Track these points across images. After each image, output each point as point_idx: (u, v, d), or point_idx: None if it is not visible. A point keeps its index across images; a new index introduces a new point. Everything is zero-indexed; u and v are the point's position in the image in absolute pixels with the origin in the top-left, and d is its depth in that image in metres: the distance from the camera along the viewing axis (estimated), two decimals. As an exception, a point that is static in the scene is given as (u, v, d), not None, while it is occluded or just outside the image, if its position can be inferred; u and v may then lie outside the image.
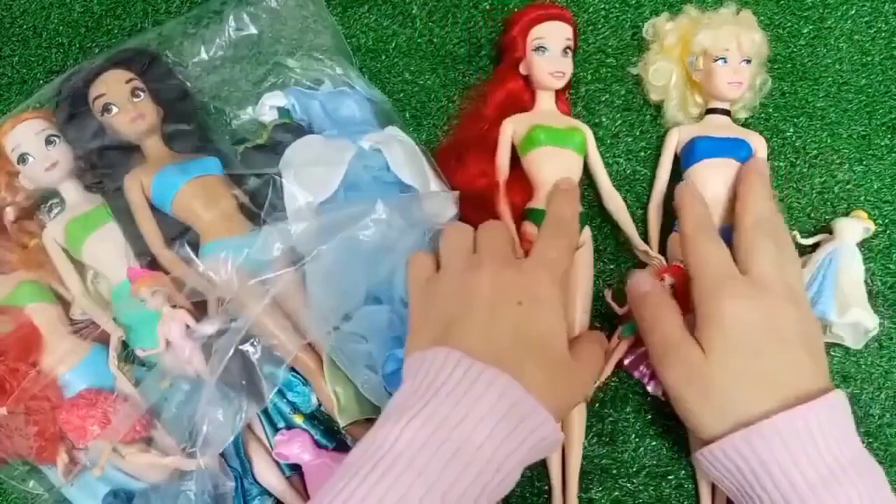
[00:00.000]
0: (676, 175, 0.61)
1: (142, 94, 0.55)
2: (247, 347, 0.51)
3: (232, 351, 0.49)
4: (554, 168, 0.58)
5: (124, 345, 0.54)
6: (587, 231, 0.60)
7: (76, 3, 0.66)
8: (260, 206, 0.55)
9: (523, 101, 0.62)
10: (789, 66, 0.66)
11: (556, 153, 0.58)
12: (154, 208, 0.55)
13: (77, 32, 0.66)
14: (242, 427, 0.52)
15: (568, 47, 0.60)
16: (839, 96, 0.66)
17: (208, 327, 0.50)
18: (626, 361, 0.56)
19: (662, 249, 0.60)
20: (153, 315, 0.52)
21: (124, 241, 0.55)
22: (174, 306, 0.52)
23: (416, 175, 0.57)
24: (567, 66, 0.60)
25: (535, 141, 0.58)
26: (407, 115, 0.64)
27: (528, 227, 0.58)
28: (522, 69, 0.61)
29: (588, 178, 0.62)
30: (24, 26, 0.66)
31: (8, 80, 0.65)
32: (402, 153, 0.57)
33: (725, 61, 0.59)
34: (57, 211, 0.59)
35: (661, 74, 0.62)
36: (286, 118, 0.60)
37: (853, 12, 0.67)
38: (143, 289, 0.50)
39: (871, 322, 0.57)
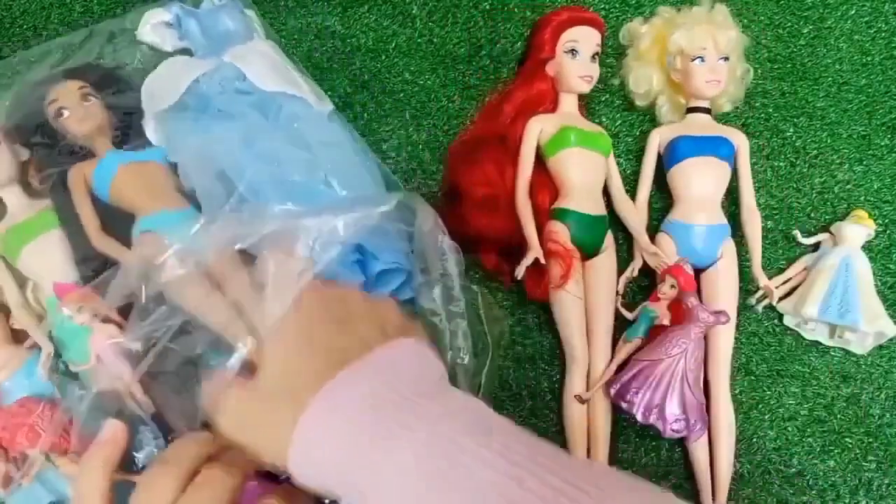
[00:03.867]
0: (661, 174, 0.62)
1: (92, 98, 0.56)
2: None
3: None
4: (581, 170, 0.59)
5: (57, 355, 0.53)
6: (610, 236, 0.60)
7: (76, 3, 0.66)
8: None
9: (546, 102, 0.62)
10: (789, 66, 0.66)
11: (584, 155, 0.59)
12: (100, 202, 0.55)
13: (77, 32, 0.66)
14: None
15: (596, 53, 0.61)
16: (839, 96, 0.66)
17: (136, 343, 0.48)
18: (612, 391, 0.55)
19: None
20: (86, 329, 0.50)
21: (65, 250, 0.54)
22: (105, 320, 0.50)
23: (279, 81, 0.58)
24: (595, 71, 0.61)
25: (565, 142, 0.58)
26: (407, 115, 0.64)
27: (554, 227, 0.58)
28: (550, 70, 0.61)
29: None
30: (24, 26, 0.66)
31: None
32: (261, 63, 0.58)
33: (703, 60, 0.59)
34: None
35: (641, 81, 0.63)
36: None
37: (853, 12, 0.67)
38: (70, 305, 0.49)
39: (891, 330, 0.57)
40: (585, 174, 0.59)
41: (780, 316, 0.62)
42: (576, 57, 0.60)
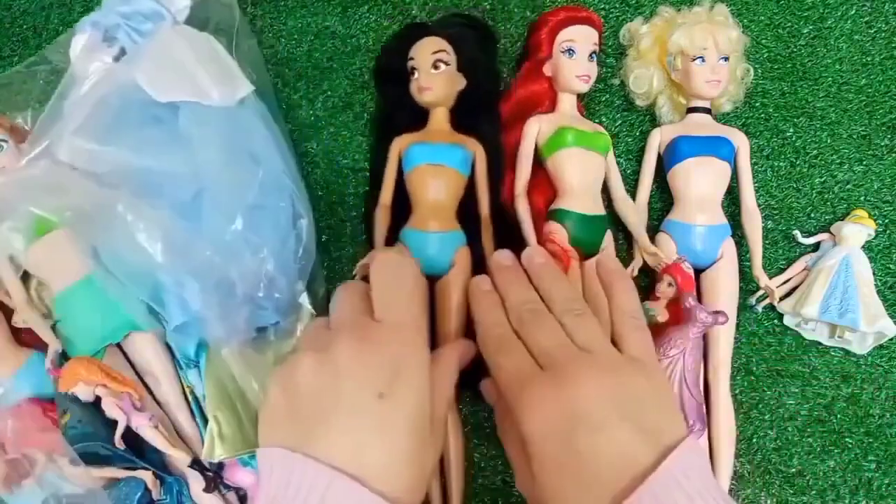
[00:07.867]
0: (661, 174, 0.61)
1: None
2: None
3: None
4: (579, 170, 0.58)
5: (64, 355, 0.53)
6: (609, 234, 0.60)
7: (76, 3, 0.66)
8: None
9: (543, 102, 0.61)
10: (789, 66, 0.66)
11: (582, 155, 0.58)
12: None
13: (77, 32, 0.66)
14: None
15: (594, 52, 0.61)
16: (839, 96, 0.66)
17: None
18: None
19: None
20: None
21: (70, 248, 0.53)
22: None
23: (173, 87, 0.52)
24: (593, 71, 0.60)
25: (562, 142, 0.58)
26: (407, 115, 0.64)
27: (552, 227, 0.57)
28: (547, 71, 0.61)
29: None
30: (24, 26, 0.66)
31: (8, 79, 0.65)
32: (155, 66, 0.53)
33: (703, 60, 0.59)
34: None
35: (641, 81, 0.63)
36: None
37: (853, 12, 0.67)
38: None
39: (891, 330, 0.57)
40: (584, 174, 0.58)
41: (780, 316, 0.62)
42: (573, 56, 0.60)
